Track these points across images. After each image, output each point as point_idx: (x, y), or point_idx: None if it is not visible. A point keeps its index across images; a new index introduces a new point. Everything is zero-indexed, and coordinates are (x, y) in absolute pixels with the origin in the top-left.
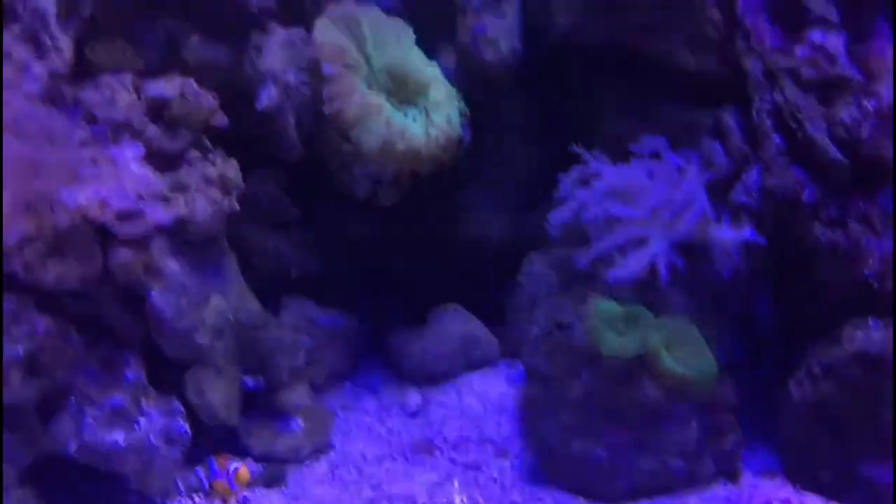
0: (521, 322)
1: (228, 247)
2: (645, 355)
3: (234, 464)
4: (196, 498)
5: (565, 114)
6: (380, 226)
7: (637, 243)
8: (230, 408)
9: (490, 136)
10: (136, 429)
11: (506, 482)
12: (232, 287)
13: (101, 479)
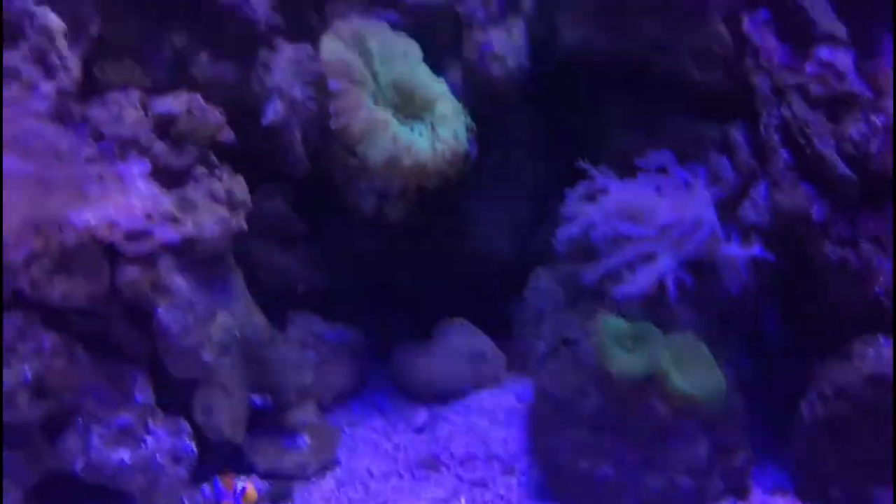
0: (527, 337)
1: (235, 262)
2: (654, 374)
3: (241, 483)
4: None
5: (572, 128)
6: (386, 240)
7: (645, 259)
8: (236, 426)
9: (496, 151)
10: (143, 447)
11: (513, 499)
12: (238, 303)
13: (107, 498)
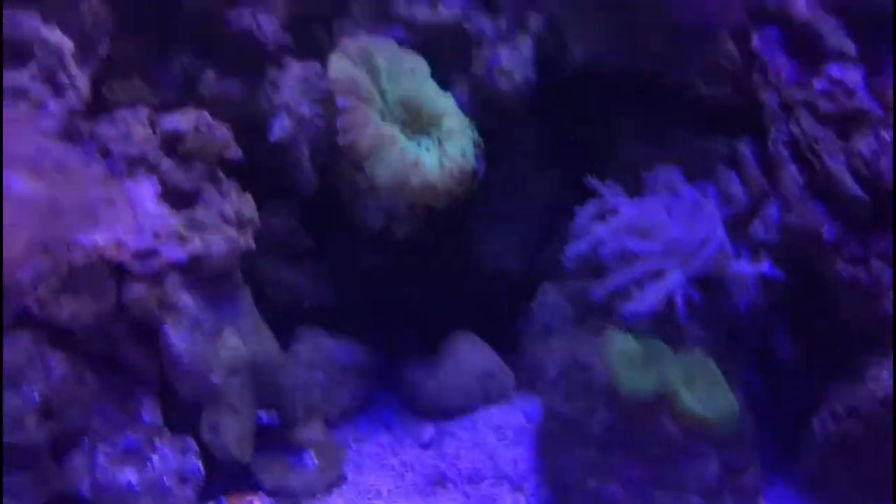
0: (535, 352)
1: (242, 279)
2: (664, 393)
3: (248, 501)
4: None
5: (580, 141)
6: (393, 256)
7: (654, 276)
8: (244, 446)
9: (504, 166)
10: (150, 468)
11: None
12: (246, 320)
13: None
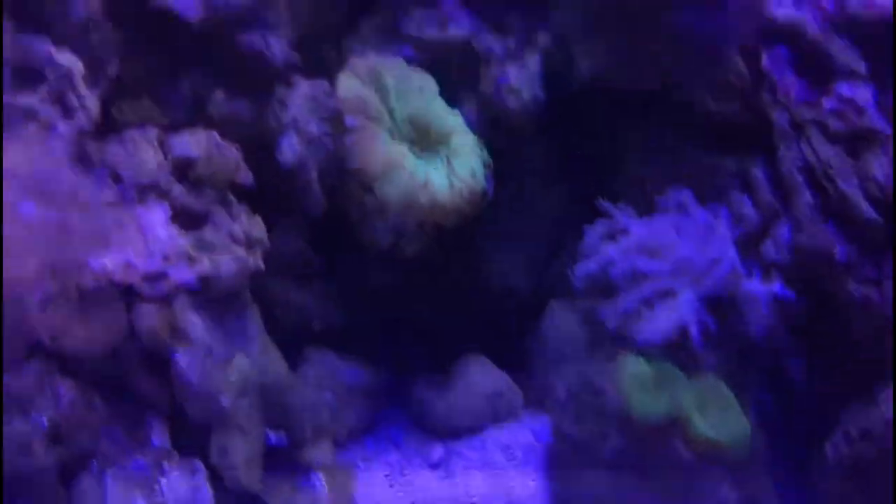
0: (544, 372)
1: (251, 299)
2: (676, 417)
3: None
4: None
5: (588, 156)
6: (402, 275)
7: (664, 296)
8: (252, 468)
9: (512, 184)
10: (158, 492)
11: None
12: (255, 341)
13: None
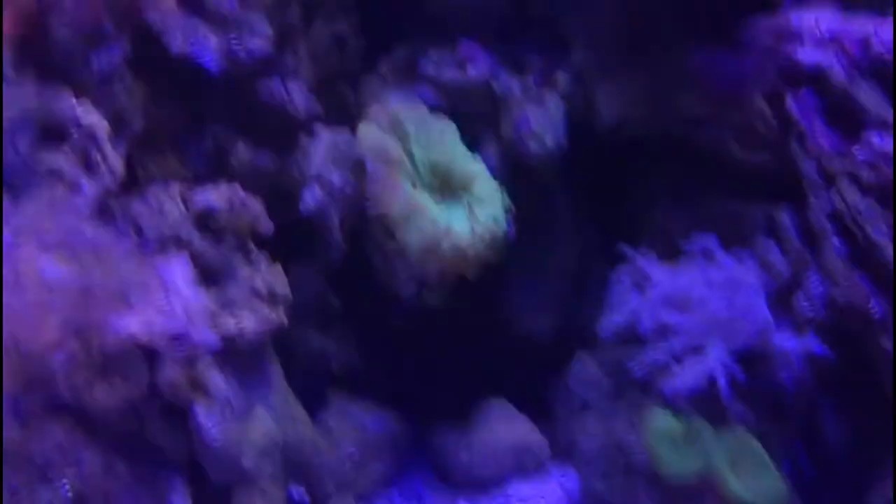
0: (570, 424)
1: (273, 351)
2: (707, 475)
3: None
4: None
5: (611, 202)
6: (423, 321)
7: (694, 352)
8: None
9: (534, 230)
10: None
11: None
12: (277, 397)
13: None
